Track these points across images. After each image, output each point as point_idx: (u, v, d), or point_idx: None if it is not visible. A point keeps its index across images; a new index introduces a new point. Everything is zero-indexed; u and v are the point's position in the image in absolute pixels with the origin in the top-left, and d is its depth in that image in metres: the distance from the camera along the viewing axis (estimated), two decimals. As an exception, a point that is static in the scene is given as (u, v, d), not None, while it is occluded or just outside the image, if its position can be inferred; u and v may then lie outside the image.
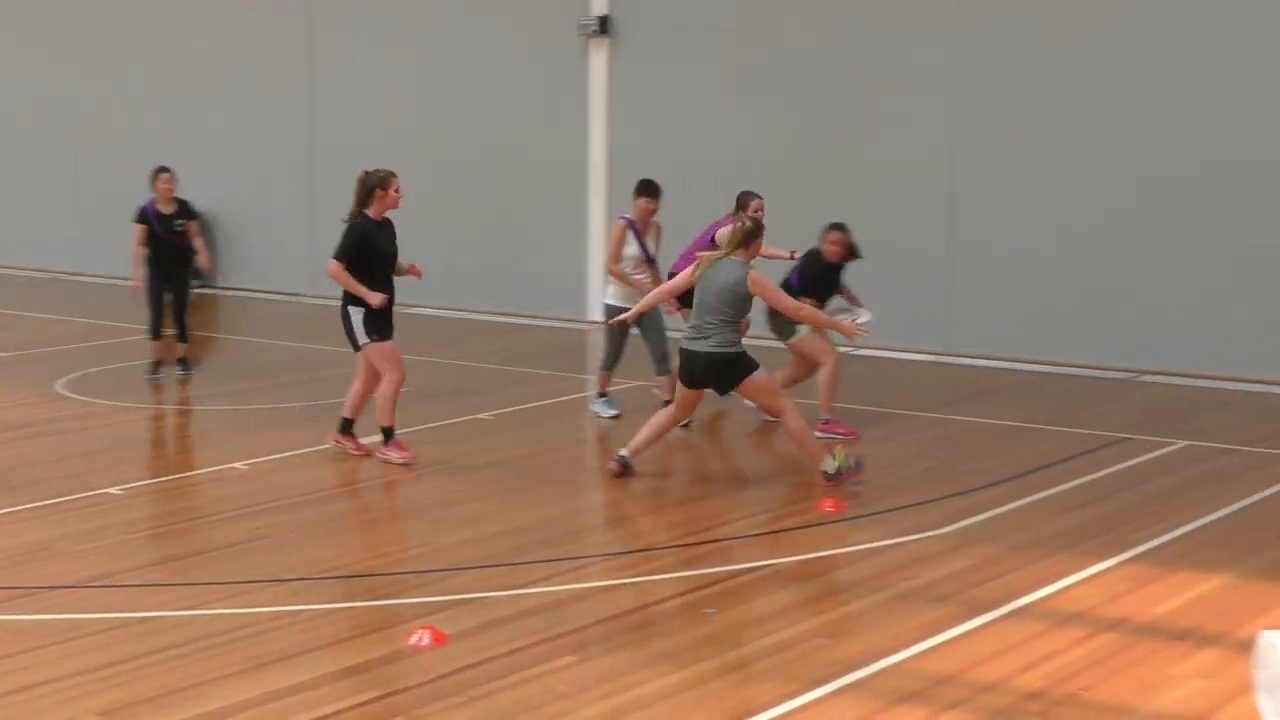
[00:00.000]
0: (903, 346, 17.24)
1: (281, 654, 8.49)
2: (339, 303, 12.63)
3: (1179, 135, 16.05)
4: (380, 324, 12.44)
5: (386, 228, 12.69)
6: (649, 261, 14.09)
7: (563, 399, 15.44)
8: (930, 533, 10.74)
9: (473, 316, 20.51)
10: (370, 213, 12.47)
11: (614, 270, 14.14)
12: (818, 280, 13.57)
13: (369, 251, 12.44)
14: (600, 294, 19.03)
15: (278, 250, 22.52)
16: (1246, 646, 7.32)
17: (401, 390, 12.62)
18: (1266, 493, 11.82)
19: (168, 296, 16.34)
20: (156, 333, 16.30)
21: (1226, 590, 9.55)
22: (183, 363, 16.46)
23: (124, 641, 8.75)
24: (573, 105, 19.74)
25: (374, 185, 12.43)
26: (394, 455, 12.50)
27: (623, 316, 12.72)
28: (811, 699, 7.77)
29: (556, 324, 19.50)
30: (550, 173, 19.85)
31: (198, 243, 16.52)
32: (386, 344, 12.44)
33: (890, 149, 15.67)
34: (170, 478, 12.64)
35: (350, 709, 7.73)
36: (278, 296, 22.52)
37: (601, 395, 14.48)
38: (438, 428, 12.86)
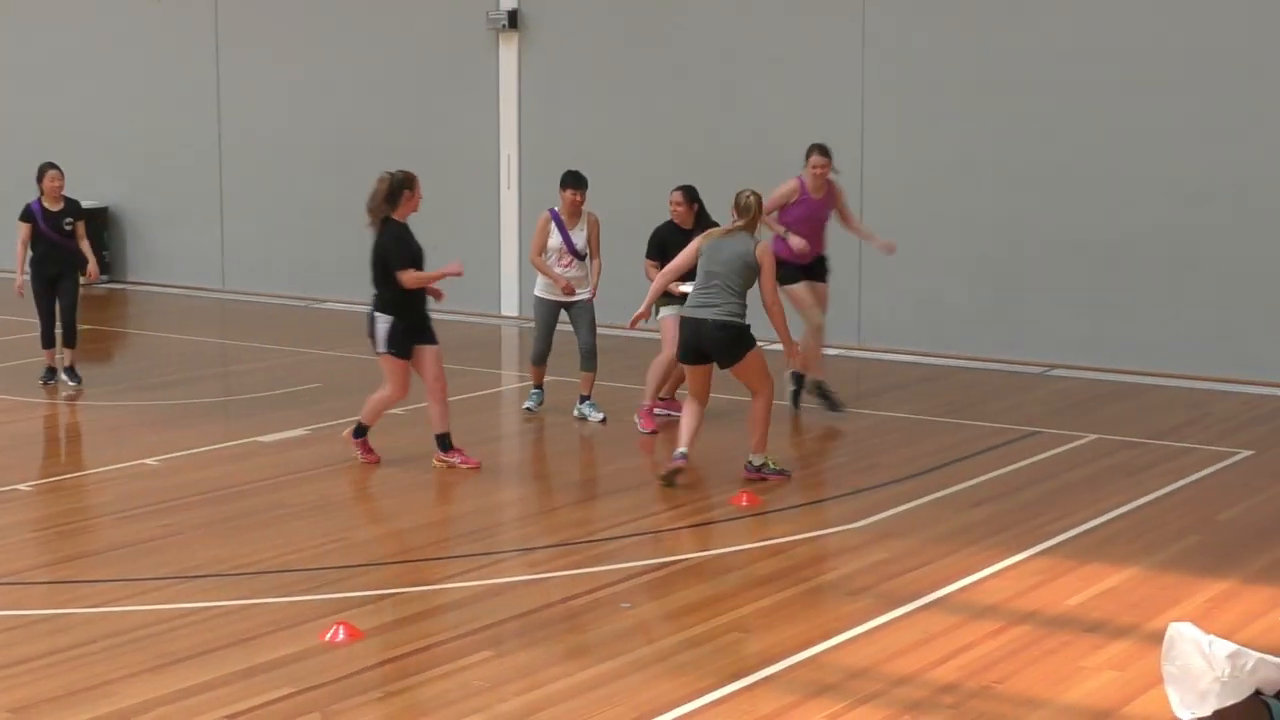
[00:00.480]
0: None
1: (191, 651, 8.41)
2: (365, 309, 12.38)
3: (1087, 128, 16.13)
4: (405, 340, 12.07)
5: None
6: (573, 253, 13.99)
7: (476, 394, 15.36)
8: (845, 526, 10.77)
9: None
10: (397, 215, 12.13)
11: (535, 262, 14.12)
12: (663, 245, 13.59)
13: (413, 254, 12.24)
14: (514, 288, 19.08)
15: (186, 244, 22.32)
16: (1157, 639, 7.36)
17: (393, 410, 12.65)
18: (1176, 485, 11.91)
19: (58, 301, 15.65)
20: (49, 341, 15.72)
21: (1137, 582, 9.61)
22: (70, 371, 15.64)
23: (31, 640, 8.68)
24: (483, 100, 19.64)
25: (402, 186, 12.11)
26: (357, 452, 12.40)
27: (639, 311, 12.23)
28: (727, 692, 7.77)
29: (471, 319, 19.37)
30: (462, 168, 19.74)
31: (84, 245, 15.78)
32: (401, 362, 12.10)
33: (799, 141, 15.57)
34: (80, 474, 12.51)
35: (262, 706, 7.66)
36: (186, 291, 22.31)
37: (537, 388, 14.50)
38: (351, 424, 12.71)
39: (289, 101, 21.16)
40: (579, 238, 14.03)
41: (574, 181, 14.08)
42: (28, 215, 15.49)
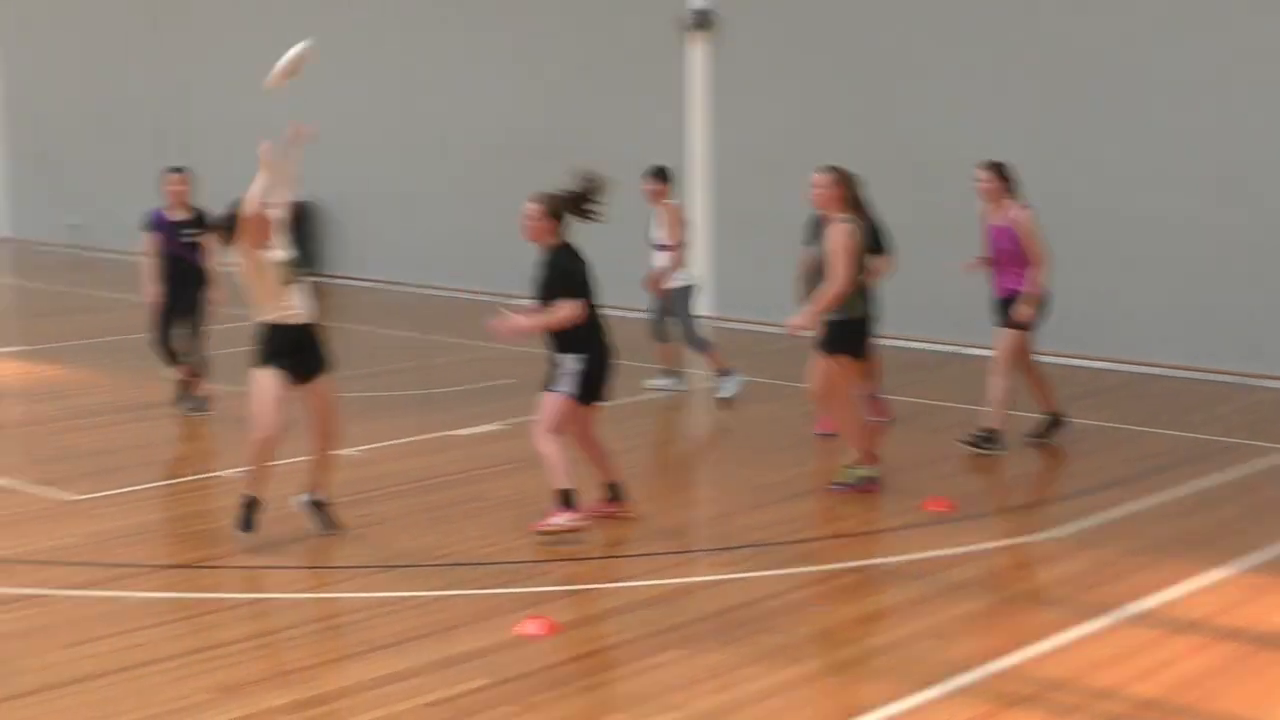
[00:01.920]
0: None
1: (390, 639, 8.52)
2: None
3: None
4: (591, 387, 10.47)
5: None
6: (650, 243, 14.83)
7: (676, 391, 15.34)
8: (1040, 535, 10.57)
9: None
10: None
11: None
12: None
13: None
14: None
15: (377, 238, 22.63)
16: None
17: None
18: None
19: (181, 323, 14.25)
20: (170, 361, 14.37)
21: (1349, 603, 9.32)
22: (195, 400, 14.32)
23: (234, 623, 8.90)
24: (670, 100, 19.61)
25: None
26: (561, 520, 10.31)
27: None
28: (923, 700, 7.65)
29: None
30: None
31: (211, 262, 14.07)
32: (582, 408, 10.51)
33: (977, 139, 15.23)
34: (284, 462, 12.71)
35: (458, 696, 7.72)
36: (378, 285, 22.63)
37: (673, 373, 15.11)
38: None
39: (477, 101, 21.31)
40: (657, 229, 14.64)
41: (648, 172, 14.86)
42: (148, 224, 14.32)
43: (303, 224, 22.28)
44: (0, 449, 13.50)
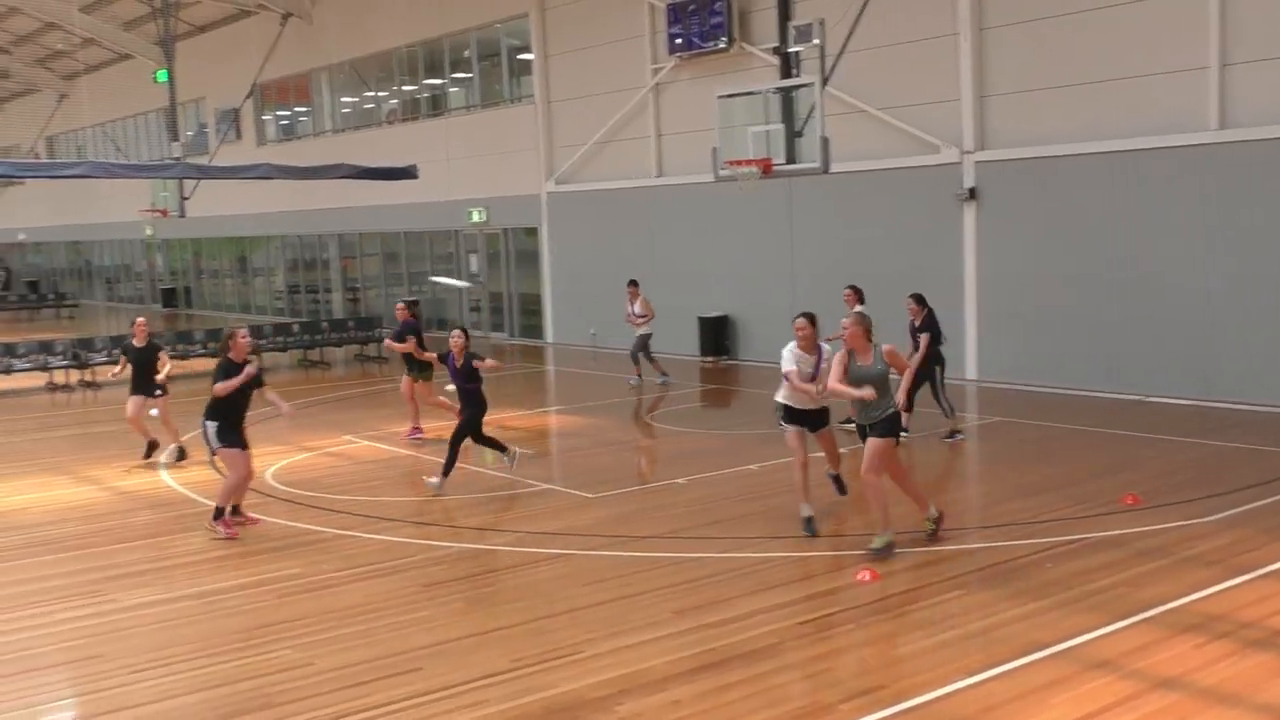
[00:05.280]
0: (1164, 394, 16.04)
1: (781, 581, 8.58)
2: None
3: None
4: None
5: None
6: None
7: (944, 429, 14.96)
8: (1200, 519, 9.90)
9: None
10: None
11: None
12: None
13: None
14: (974, 358, 18.44)
15: (768, 332, 22.67)
16: None
17: None
18: None
19: None
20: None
21: None
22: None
23: (683, 570, 8.97)
24: (954, 244, 19.20)
25: None
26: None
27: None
28: (1119, 627, 7.36)
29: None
30: (939, 287, 19.37)
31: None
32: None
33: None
34: (713, 473, 12.80)
35: (819, 618, 7.73)
36: (766, 365, 22.65)
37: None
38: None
39: (835, 245, 21.22)
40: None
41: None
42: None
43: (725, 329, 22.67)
44: (550, 465, 13.84)
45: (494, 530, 10.44)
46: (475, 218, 29.28)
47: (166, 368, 13.96)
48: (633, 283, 19.80)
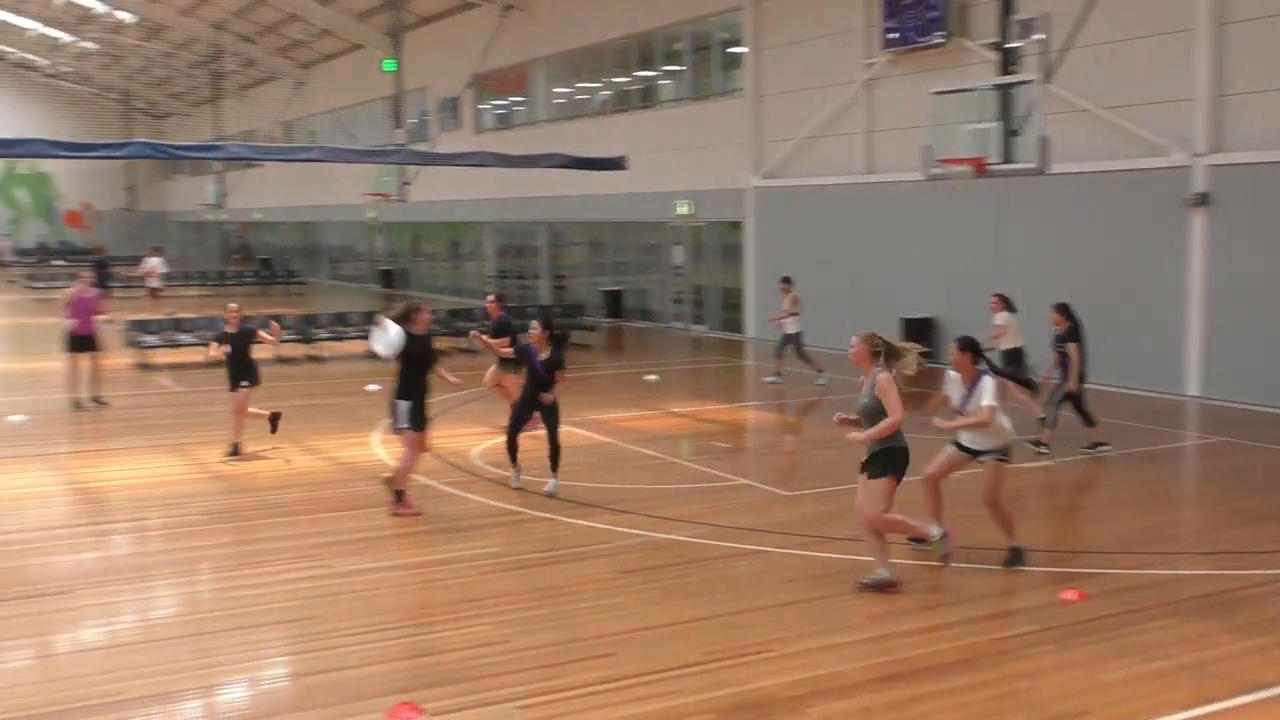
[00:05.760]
0: None
1: (977, 594, 8.34)
2: None
3: None
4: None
5: None
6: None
7: (1162, 447, 14.24)
8: None
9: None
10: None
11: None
12: None
13: None
14: (1198, 372, 17.57)
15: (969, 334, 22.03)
16: None
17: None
18: None
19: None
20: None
21: None
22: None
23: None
24: (1178, 251, 18.24)
25: None
26: None
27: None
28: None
29: (1152, 394, 18.04)
30: (1157, 297, 18.44)
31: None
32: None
33: None
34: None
35: (1017, 635, 7.52)
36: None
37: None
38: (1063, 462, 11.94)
39: (1049, 251, 20.49)
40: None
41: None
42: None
43: (930, 332, 22.18)
44: (747, 462, 13.84)
45: (688, 521, 10.51)
46: (682, 210, 29.48)
47: (278, 333, 14.73)
48: (785, 279, 19.79)
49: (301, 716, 6.30)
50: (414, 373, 10.71)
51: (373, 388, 14.84)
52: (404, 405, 10.68)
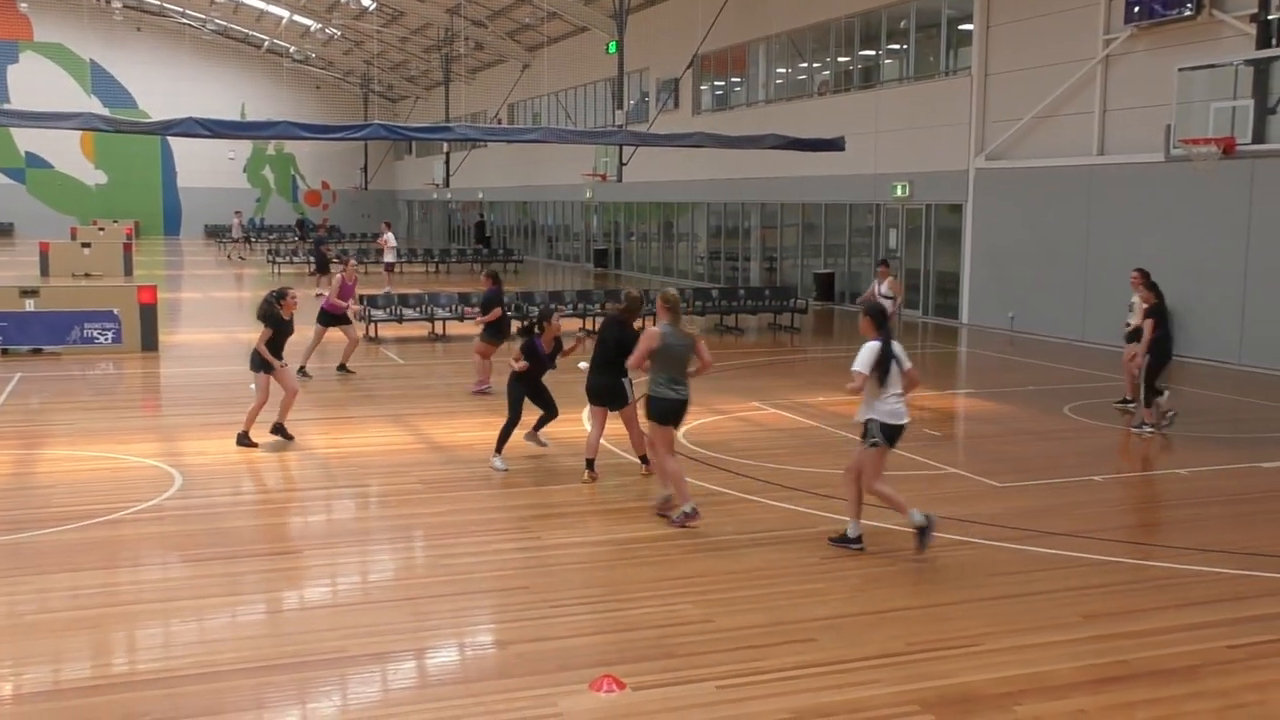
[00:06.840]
0: None
1: (1204, 599, 7.93)
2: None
3: None
4: None
5: None
6: None
7: None
8: None
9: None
10: None
11: None
12: None
13: None
14: None
15: (1215, 329, 20.83)
16: None
17: None
18: None
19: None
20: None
21: None
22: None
23: (1094, 573, 8.52)
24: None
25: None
26: None
27: None
28: None
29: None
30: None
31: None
32: None
33: None
34: (1133, 474, 11.98)
35: (1250, 644, 7.09)
36: (1209, 361, 20.85)
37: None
38: None
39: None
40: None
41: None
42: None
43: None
44: (957, 451, 13.51)
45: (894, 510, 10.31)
46: (899, 192, 28.88)
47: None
48: (884, 262, 19.89)
49: (509, 683, 6.52)
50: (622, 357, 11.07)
51: (583, 365, 15.23)
52: (627, 383, 11.22)
